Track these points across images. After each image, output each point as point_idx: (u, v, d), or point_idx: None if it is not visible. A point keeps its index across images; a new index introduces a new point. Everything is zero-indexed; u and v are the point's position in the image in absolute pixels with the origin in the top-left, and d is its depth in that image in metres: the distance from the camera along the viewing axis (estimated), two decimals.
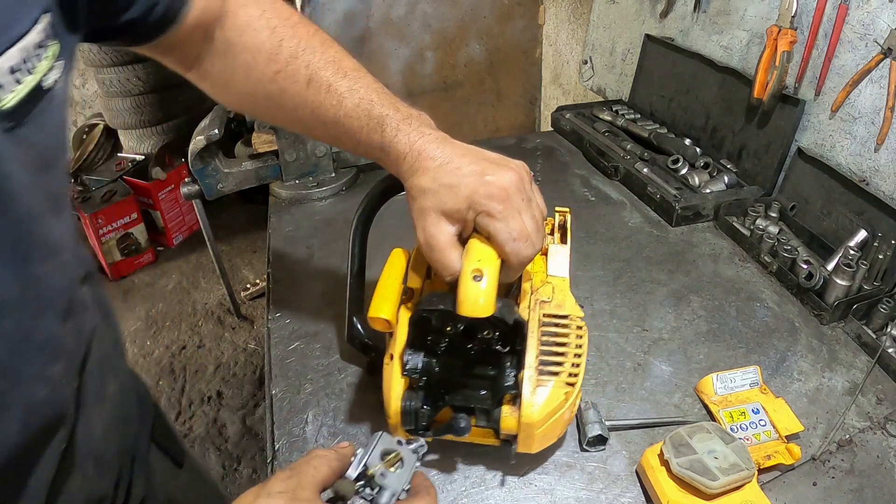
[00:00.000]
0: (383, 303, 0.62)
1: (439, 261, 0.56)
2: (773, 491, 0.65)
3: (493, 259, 0.55)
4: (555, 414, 0.60)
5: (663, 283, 0.98)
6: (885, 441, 0.72)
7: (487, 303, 0.54)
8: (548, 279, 0.69)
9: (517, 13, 2.16)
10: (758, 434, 0.70)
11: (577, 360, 0.62)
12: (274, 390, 0.79)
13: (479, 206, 0.54)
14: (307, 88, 0.61)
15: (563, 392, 0.60)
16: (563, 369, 0.61)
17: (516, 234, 0.54)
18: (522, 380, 0.59)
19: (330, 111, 0.60)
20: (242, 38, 0.61)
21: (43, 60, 0.38)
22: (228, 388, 2.17)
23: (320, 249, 1.08)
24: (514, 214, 0.55)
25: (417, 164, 0.57)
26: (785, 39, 1.07)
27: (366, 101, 0.60)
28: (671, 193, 1.15)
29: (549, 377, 0.60)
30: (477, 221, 0.55)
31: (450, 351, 0.62)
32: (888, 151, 0.97)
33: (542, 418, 0.59)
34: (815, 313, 0.91)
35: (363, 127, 0.60)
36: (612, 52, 1.73)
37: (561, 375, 0.60)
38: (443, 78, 2.21)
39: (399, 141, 0.58)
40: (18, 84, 0.36)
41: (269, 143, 1.21)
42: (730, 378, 0.76)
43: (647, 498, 0.65)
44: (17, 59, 0.36)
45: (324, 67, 0.61)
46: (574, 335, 0.63)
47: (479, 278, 0.54)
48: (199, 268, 2.75)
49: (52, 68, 0.39)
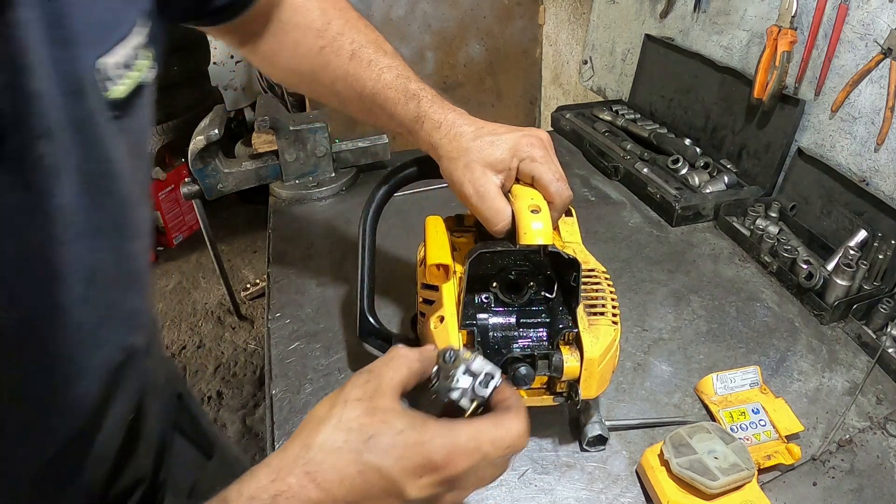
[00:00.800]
0: (440, 250, 0.64)
1: (490, 209, 0.59)
2: (773, 491, 0.65)
3: (542, 198, 0.59)
4: (609, 351, 0.61)
5: (663, 283, 0.98)
6: (885, 441, 0.72)
7: (547, 233, 0.57)
8: (565, 244, 0.71)
9: (517, 13, 2.16)
10: (758, 434, 0.70)
11: (615, 303, 0.64)
12: (274, 390, 0.79)
13: (522, 152, 0.60)
14: (349, 62, 0.66)
15: (612, 329, 0.62)
16: (607, 310, 0.63)
17: (558, 175, 0.60)
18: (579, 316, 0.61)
19: (368, 84, 0.65)
20: (295, 18, 0.68)
21: (144, 59, 0.43)
22: (228, 388, 2.17)
23: (320, 249, 1.08)
24: (553, 159, 0.61)
25: (454, 130, 0.62)
26: (785, 39, 1.07)
27: (403, 77, 0.65)
28: (671, 193, 1.15)
29: (597, 317, 0.63)
30: (520, 168, 0.60)
31: (499, 306, 0.63)
32: (888, 151, 0.97)
33: (602, 354, 0.60)
34: (815, 313, 0.91)
35: (399, 99, 0.64)
36: (612, 53, 1.73)
37: (606, 315, 0.63)
38: (443, 78, 2.21)
39: (435, 111, 0.63)
40: (126, 78, 0.41)
41: (269, 143, 1.21)
42: (730, 378, 0.76)
43: (647, 498, 0.65)
44: (126, 55, 0.41)
45: (366, 45, 0.67)
46: (605, 284, 0.66)
47: (537, 212, 0.57)
48: (199, 268, 2.75)
49: (151, 67, 0.44)
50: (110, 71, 0.39)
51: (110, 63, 0.39)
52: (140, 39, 0.42)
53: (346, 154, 1.26)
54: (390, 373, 0.44)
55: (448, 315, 0.61)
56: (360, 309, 0.75)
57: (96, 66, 0.38)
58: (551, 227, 0.58)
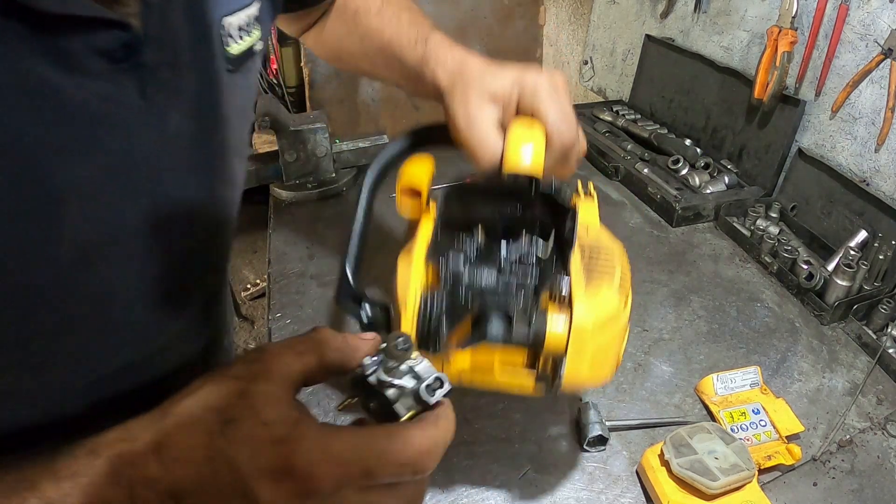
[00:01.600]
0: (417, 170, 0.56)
1: (480, 140, 0.54)
2: (774, 491, 0.65)
3: (540, 134, 0.52)
4: (609, 326, 0.48)
5: (664, 284, 0.98)
6: (886, 441, 0.72)
7: (536, 162, 0.50)
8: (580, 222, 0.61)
9: (518, 14, 2.16)
10: (758, 434, 0.70)
11: (627, 275, 0.52)
12: None
13: (525, 83, 0.55)
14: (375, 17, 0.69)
15: (617, 297, 0.49)
16: (615, 276, 0.50)
17: (561, 113, 0.54)
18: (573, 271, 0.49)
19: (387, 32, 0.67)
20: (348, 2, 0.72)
21: (256, 30, 0.49)
22: None
23: (320, 250, 1.08)
24: (558, 97, 0.55)
25: (460, 65, 0.59)
26: (785, 40, 1.07)
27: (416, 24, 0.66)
28: (671, 194, 1.16)
29: (600, 280, 0.49)
30: (521, 103, 0.55)
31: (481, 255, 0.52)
32: (888, 152, 0.97)
33: (597, 325, 0.47)
34: (815, 314, 0.91)
35: (410, 42, 0.64)
36: (613, 53, 1.73)
37: (613, 280, 0.49)
38: None
39: (442, 51, 0.61)
40: (243, 40, 0.47)
41: (270, 143, 1.21)
42: (730, 378, 0.76)
43: (647, 498, 0.65)
44: (245, 20, 0.47)
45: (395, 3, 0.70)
46: (618, 260, 0.53)
47: (528, 143, 0.51)
48: None
49: (260, 39, 0.50)
50: (232, 29, 0.45)
51: (233, 23, 0.45)
52: (255, 12, 0.49)
53: (346, 154, 1.26)
54: (289, 357, 0.36)
55: (418, 245, 0.51)
56: (342, 270, 0.61)
57: (222, 22, 0.44)
58: (542, 160, 0.51)
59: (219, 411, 0.32)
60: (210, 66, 0.44)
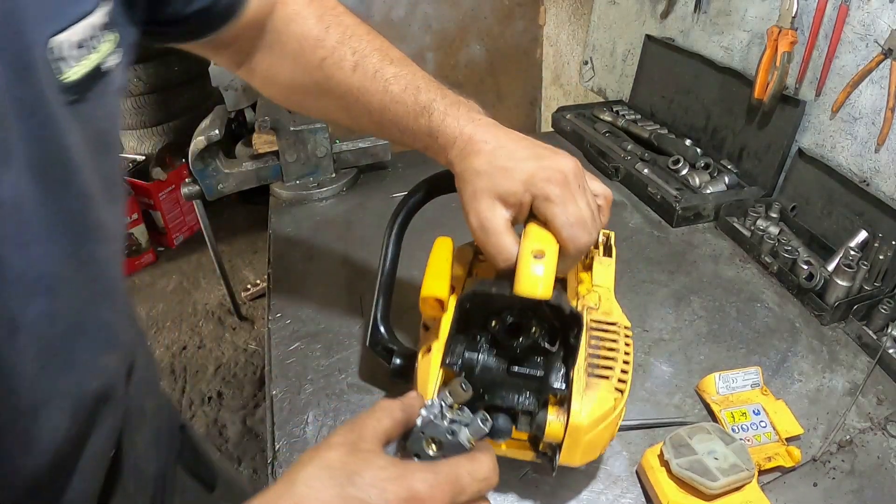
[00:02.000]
0: (436, 281, 0.59)
1: (494, 245, 0.54)
2: (774, 492, 0.65)
3: (553, 243, 0.53)
4: (603, 420, 0.56)
5: (664, 284, 0.98)
6: (886, 442, 0.72)
7: (547, 285, 0.51)
8: (594, 288, 0.66)
9: (518, 14, 2.16)
10: (758, 435, 0.70)
11: (626, 366, 0.59)
12: (274, 391, 0.79)
13: (536, 188, 0.53)
14: (353, 74, 0.60)
15: (613, 398, 0.56)
16: (613, 374, 0.57)
17: (574, 218, 0.53)
18: (573, 378, 0.55)
19: (376, 97, 0.60)
20: (290, 28, 0.61)
21: (105, 42, 0.39)
22: (229, 388, 2.17)
23: (321, 250, 1.08)
24: (572, 199, 0.53)
25: (469, 147, 0.56)
26: (785, 40, 1.07)
27: (412, 87, 0.59)
28: (672, 194, 1.15)
29: (598, 379, 0.57)
30: (534, 206, 0.54)
31: (493, 348, 0.58)
32: (889, 152, 0.97)
33: (591, 423, 0.55)
34: (815, 314, 0.91)
35: (409, 112, 0.59)
36: (613, 53, 1.73)
37: (611, 379, 0.57)
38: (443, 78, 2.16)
39: (448, 125, 0.57)
40: (83, 60, 0.37)
41: (270, 143, 1.21)
42: (732, 378, 0.76)
43: (647, 499, 0.65)
44: (83, 35, 0.37)
45: (370, 54, 0.60)
46: (623, 342, 0.60)
47: (540, 258, 0.51)
48: (200, 268, 2.75)
49: (112, 52, 0.40)
50: (65, 50, 0.36)
51: (65, 41, 0.36)
52: (101, 18, 0.39)
53: (346, 154, 1.26)
54: (373, 422, 0.44)
55: (436, 348, 0.57)
56: (374, 317, 0.72)
57: (49, 44, 0.35)
58: (553, 276, 0.52)
59: (341, 469, 0.39)
60: (40, 106, 0.35)
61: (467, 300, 0.55)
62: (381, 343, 0.72)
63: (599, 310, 0.63)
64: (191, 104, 2.80)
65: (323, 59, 0.60)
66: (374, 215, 1.16)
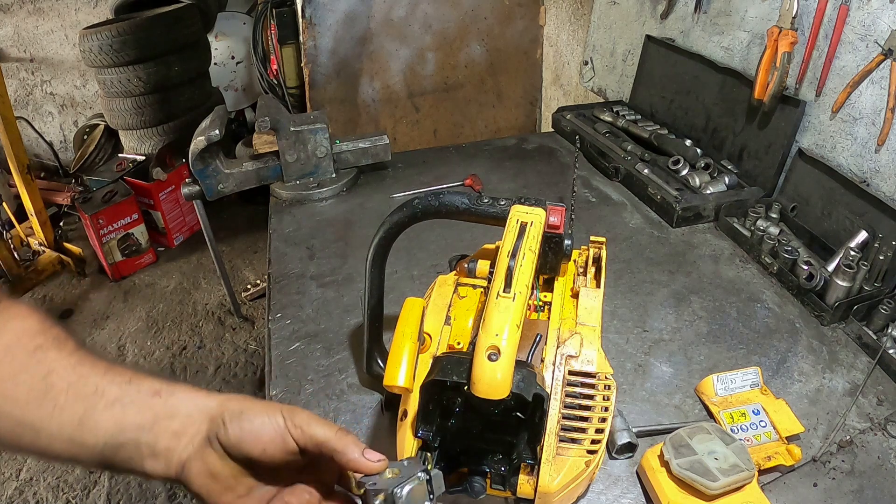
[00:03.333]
0: (397, 369, 0.59)
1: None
2: (774, 492, 0.65)
3: (514, 331, 0.51)
4: (574, 482, 0.57)
5: (664, 284, 0.98)
6: (886, 442, 0.72)
7: (504, 383, 0.50)
8: (577, 328, 0.64)
9: (518, 14, 2.16)
10: (758, 435, 0.70)
11: (602, 424, 0.58)
12: (274, 391, 0.79)
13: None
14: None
15: (584, 461, 0.57)
16: (586, 436, 0.57)
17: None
18: (540, 451, 0.56)
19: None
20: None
21: None
22: (229, 388, 2.17)
23: (321, 250, 1.08)
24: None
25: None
26: (786, 40, 1.07)
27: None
28: (672, 194, 1.15)
29: (570, 445, 0.57)
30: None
31: (466, 412, 0.56)
32: (889, 152, 0.97)
33: (560, 488, 0.56)
34: (815, 314, 0.91)
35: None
36: (613, 53, 1.73)
37: (583, 443, 0.57)
38: (443, 79, 2.20)
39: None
40: None
41: (270, 143, 1.21)
42: (730, 379, 0.76)
43: (647, 499, 0.65)
44: None
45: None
46: (601, 396, 0.59)
47: (496, 357, 0.50)
48: (200, 268, 2.75)
49: None
50: None
51: None
52: None
53: (346, 155, 1.26)
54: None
55: (411, 413, 0.58)
56: (367, 348, 0.75)
57: None
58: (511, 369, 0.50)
59: None
60: None
61: (426, 390, 0.55)
62: (377, 372, 0.76)
63: (580, 357, 0.61)
64: (191, 104, 2.80)
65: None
66: (374, 215, 1.16)
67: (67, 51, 3.24)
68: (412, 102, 2.22)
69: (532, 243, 0.60)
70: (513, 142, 1.52)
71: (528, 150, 1.48)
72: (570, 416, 0.58)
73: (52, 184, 3.18)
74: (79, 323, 2.42)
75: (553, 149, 1.48)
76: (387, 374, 0.59)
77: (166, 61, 2.62)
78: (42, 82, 3.34)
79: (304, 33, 2.02)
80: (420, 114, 2.25)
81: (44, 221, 2.58)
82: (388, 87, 2.17)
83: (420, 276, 0.99)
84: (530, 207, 0.63)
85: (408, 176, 1.33)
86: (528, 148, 1.49)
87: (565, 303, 0.67)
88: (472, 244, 0.74)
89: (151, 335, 2.38)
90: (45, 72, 3.31)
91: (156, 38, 2.58)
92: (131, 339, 2.35)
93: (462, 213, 0.67)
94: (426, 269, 1.00)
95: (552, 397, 0.58)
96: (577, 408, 0.59)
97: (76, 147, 3.18)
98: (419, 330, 0.63)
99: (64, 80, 3.35)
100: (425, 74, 2.18)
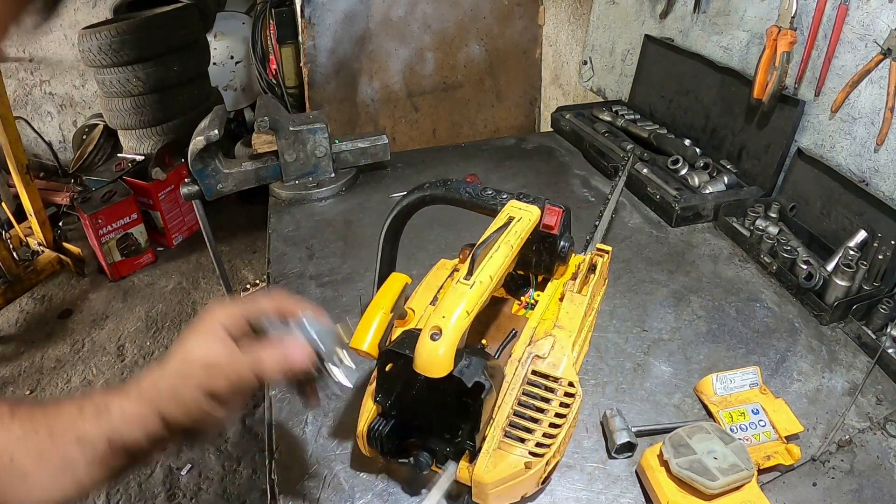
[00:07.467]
0: (364, 333, 0.61)
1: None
2: (773, 491, 0.65)
3: (463, 316, 0.52)
4: (511, 480, 0.57)
5: (663, 284, 0.98)
6: (885, 441, 0.72)
7: (442, 363, 0.52)
8: (553, 331, 0.64)
9: (517, 14, 2.16)
10: (757, 434, 0.70)
11: (553, 430, 0.58)
12: (273, 391, 0.79)
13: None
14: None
15: (524, 461, 0.57)
16: (532, 437, 0.58)
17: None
18: (479, 441, 0.57)
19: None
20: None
21: None
22: None
23: (320, 250, 1.08)
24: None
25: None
26: (785, 40, 1.07)
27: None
28: (671, 194, 1.15)
29: (514, 442, 0.57)
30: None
31: (423, 389, 0.58)
32: (888, 152, 0.97)
33: (495, 482, 0.57)
34: (814, 314, 0.91)
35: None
36: (612, 53, 1.73)
37: (527, 443, 0.57)
38: (443, 78, 2.20)
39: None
40: None
41: (269, 143, 1.21)
42: (729, 379, 0.76)
43: (646, 498, 0.65)
44: None
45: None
46: (557, 402, 0.60)
47: (437, 337, 0.51)
48: (199, 268, 2.75)
49: None
50: None
51: None
52: None
53: (345, 154, 1.26)
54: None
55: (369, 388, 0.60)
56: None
57: None
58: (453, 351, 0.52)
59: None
60: None
61: (383, 355, 0.58)
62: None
63: (547, 360, 0.61)
64: (190, 104, 2.80)
65: None
66: (374, 215, 1.16)
67: (66, 50, 3.24)
68: (411, 102, 2.22)
69: (512, 238, 0.60)
70: (512, 141, 1.53)
71: (528, 149, 1.48)
72: (522, 414, 0.59)
73: (51, 184, 3.18)
74: (78, 323, 2.42)
75: (552, 148, 1.48)
76: (354, 336, 0.61)
77: (165, 61, 2.62)
78: (41, 82, 3.34)
79: (303, 33, 2.02)
80: (419, 113, 2.25)
81: (43, 221, 2.58)
82: (388, 86, 2.17)
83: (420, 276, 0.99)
84: (526, 204, 0.64)
85: (407, 176, 1.33)
86: (527, 148, 1.49)
87: (551, 304, 0.68)
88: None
89: (150, 335, 2.38)
90: (45, 71, 3.31)
91: (155, 38, 2.58)
92: (130, 339, 2.35)
93: (465, 201, 0.70)
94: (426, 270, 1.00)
95: (508, 392, 0.59)
96: (530, 408, 0.59)
97: (75, 147, 3.17)
98: (403, 304, 0.65)
99: (63, 80, 3.35)
100: (424, 74, 2.18)
